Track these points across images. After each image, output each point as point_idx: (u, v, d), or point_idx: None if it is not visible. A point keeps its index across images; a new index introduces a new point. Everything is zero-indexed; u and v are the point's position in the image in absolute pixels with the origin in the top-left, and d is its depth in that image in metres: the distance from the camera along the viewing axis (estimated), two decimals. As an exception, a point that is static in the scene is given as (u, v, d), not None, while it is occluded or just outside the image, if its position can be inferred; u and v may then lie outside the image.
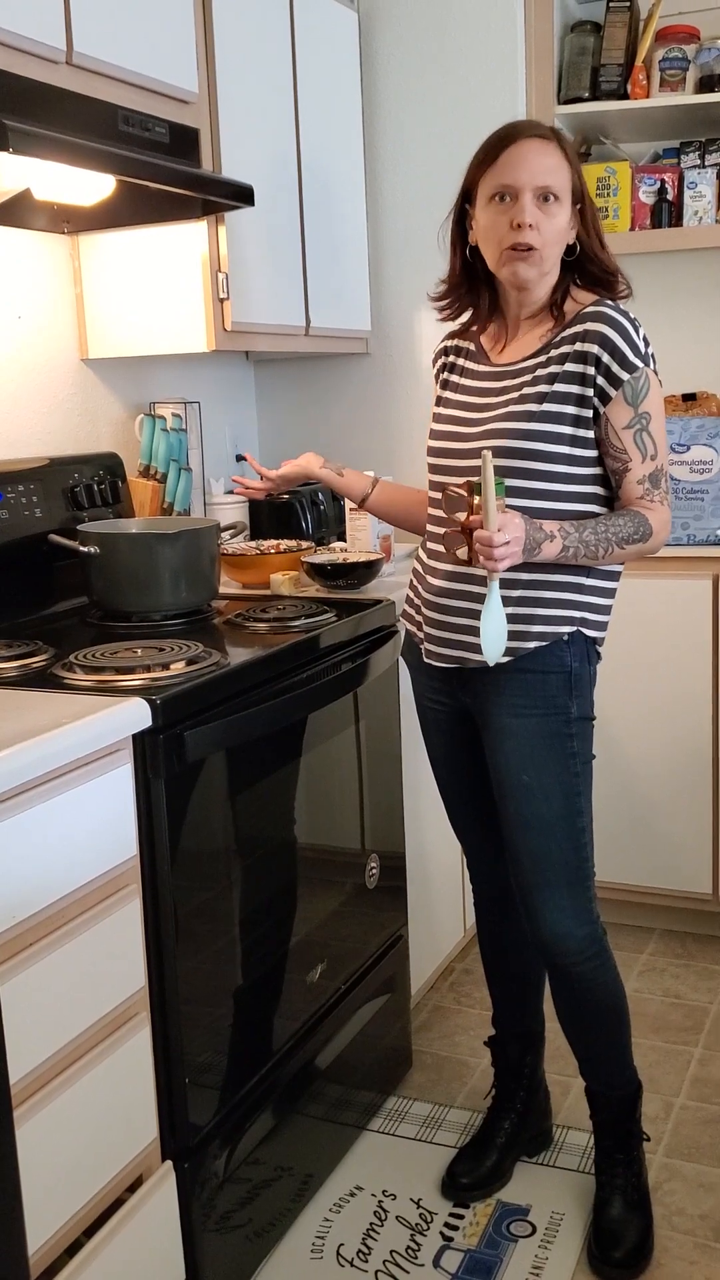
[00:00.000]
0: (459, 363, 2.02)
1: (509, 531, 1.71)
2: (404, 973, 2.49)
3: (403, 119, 3.09)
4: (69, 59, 1.99)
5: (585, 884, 1.94)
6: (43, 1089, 1.53)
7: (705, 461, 2.95)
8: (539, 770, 1.89)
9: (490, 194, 1.84)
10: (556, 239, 1.85)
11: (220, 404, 3.19)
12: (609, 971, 1.98)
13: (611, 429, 1.84)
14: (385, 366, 3.24)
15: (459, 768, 2.07)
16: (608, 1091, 2.05)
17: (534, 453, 1.83)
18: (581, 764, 1.91)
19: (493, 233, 1.85)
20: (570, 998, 2.00)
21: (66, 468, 2.42)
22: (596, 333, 1.82)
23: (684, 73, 2.94)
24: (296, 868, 2.05)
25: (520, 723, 1.89)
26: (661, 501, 1.88)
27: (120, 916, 1.66)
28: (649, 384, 1.84)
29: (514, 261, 1.84)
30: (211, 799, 1.80)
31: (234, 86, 2.49)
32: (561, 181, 1.82)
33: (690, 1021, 2.69)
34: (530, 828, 1.91)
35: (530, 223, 1.80)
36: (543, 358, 1.87)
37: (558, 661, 1.88)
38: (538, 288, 1.89)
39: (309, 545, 2.67)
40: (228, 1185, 1.88)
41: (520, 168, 1.81)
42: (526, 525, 1.75)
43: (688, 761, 2.94)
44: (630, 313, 1.86)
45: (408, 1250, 2.02)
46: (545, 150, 1.82)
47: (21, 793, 1.47)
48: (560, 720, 1.89)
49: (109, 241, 2.56)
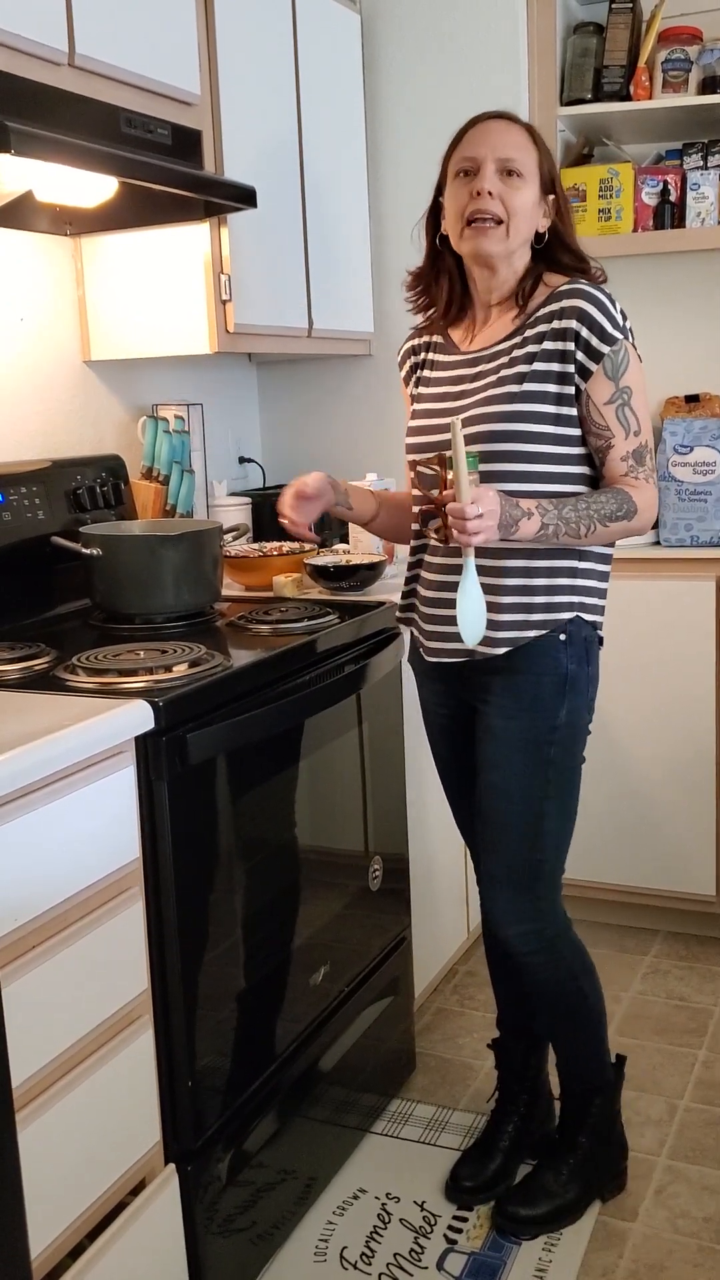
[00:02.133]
0: (428, 357, 2.01)
1: (483, 504, 1.69)
2: (407, 975, 2.48)
3: (405, 121, 3.09)
4: (71, 61, 1.99)
5: (534, 885, 1.95)
6: (45, 1092, 1.53)
7: (708, 463, 2.94)
8: (506, 772, 1.91)
9: (455, 171, 1.85)
10: (522, 214, 1.83)
11: (223, 406, 3.19)
12: (557, 970, 2.01)
13: (593, 405, 1.82)
14: (388, 368, 3.24)
15: (462, 771, 2.08)
16: (572, 1078, 2.11)
17: (517, 434, 1.81)
18: (557, 771, 1.91)
19: (454, 206, 1.85)
20: (526, 984, 2.08)
21: (69, 470, 2.41)
22: (574, 308, 1.81)
23: (686, 74, 2.93)
24: (299, 870, 2.05)
25: (504, 724, 1.90)
26: (647, 479, 1.86)
27: (123, 919, 1.65)
28: (629, 357, 1.82)
29: (475, 235, 1.82)
30: (214, 801, 1.80)
31: (236, 88, 2.49)
32: (526, 160, 1.82)
33: (694, 1024, 2.69)
34: (488, 823, 1.95)
35: (490, 190, 1.80)
36: (518, 338, 1.86)
37: (552, 664, 1.87)
38: (503, 267, 1.87)
39: (311, 547, 2.67)
40: (231, 1188, 1.87)
41: (480, 142, 1.82)
42: (502, 501, 1.73)
43: (691, 763, 2.94)
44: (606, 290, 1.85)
45: (411, 1253, 2.01)
46: (508, 128, 1.83)
47: (24, 795, 1.47)
48: (544, 727, 1.88)
49: (111, 243, 2.56)
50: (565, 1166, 2.08)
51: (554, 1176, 2.07)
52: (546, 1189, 2.06)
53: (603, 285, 1.89)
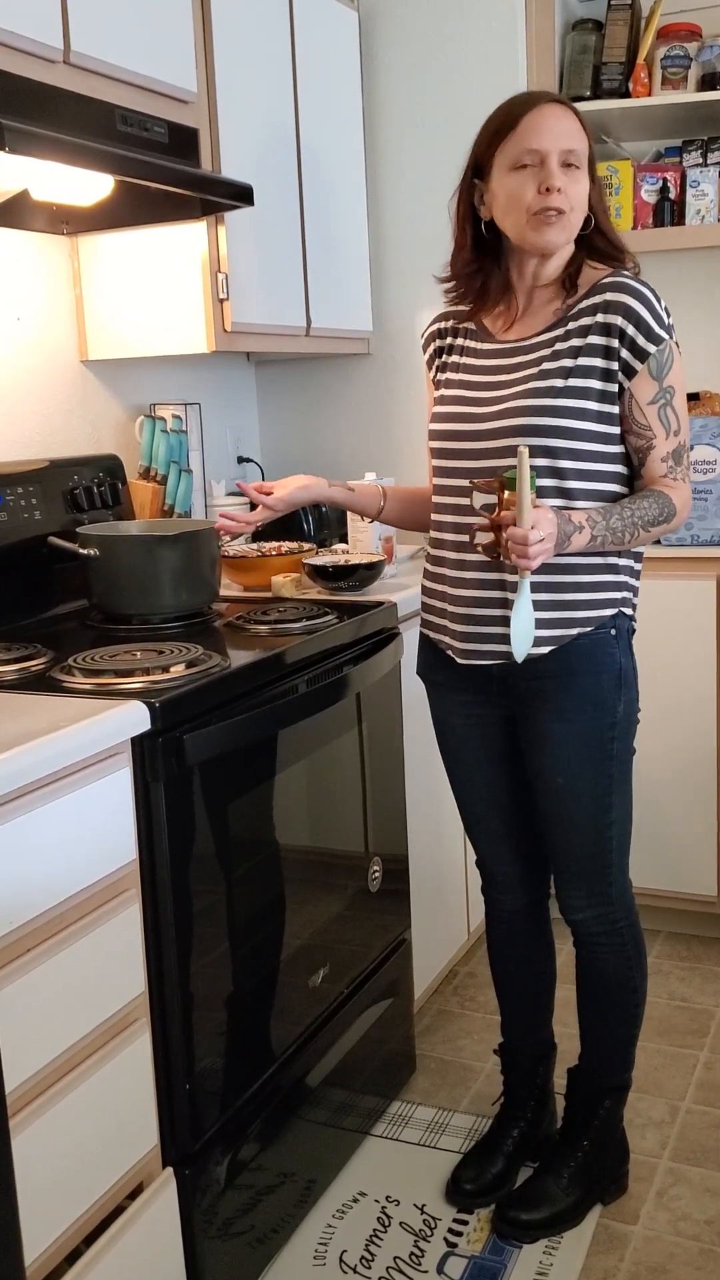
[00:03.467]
0: (459, 343, 1.96)
1: (543, 527, 1.67)
2: (407, 976, 2.47)
3: (403, 118, 3.08)
4: (67, 58, 1.98)
5: (605, 872, 1.97)
6: (40, 1096, 1.52)
7: (709, 461, 2.93)
8: (574, 773, 1.91)
9: (512, 162, 1.78)
10: (581, 206, 1.81)
11: (221, 405, 3.18)
12: (618, 957, 2.03)
13: (636, 404, 1.80)
14: (387, 367, 3.23)
15: (491, 783, 2.04)
16: (591, 1075, 2.09)
17: (562, 429, 1.78)
18: (618, 765, 1.92)
19: (518, 200, 1.78)
20: (582, 970, 2.07)
21: (66, 470, 2.41)
22: (620, 304, 1.78)
23: (686, 70, 2.92)
24: (298, 871, 2.03)
25: (564, 727, 1.88)
26: (683, 479, 1.85)
27: (119, 921, 1.64)
28: (673, 356, 1.80)
29: (543, 226, 1.78)
30: (211, 802, 1.79)
31: (233, 86, 2.48)
32: (582, 150, 1.79)
33: (696, 1025, 2.68)
34: (558, 824, 1.95)
35: (560, 186, 1.76)
36: (560, 330, 1.82)
37: (610, 660, 1.87)
38: (556, 255, 1.84)
39: (310, 547, 2.66)
40: (229, 1192, 1.86)
41: (545, 133, 1.76)
42: (558, 519, 1.71)
43: (691, 763, 2.93)
44: (649, 283, 1.82)
45: (411, 1257, 2.00)
46: (566, 115, 1.79)
47: (20, 796, 1.46)
48: (605, 723, 1.89)
49: (108, 242, 2.55)
50: (567, 1170, 2.07)
51: (555, 1180, 2.06)
52: (547, 1193, 2.05)
53: (636, 274, 1.87)
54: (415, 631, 2.42)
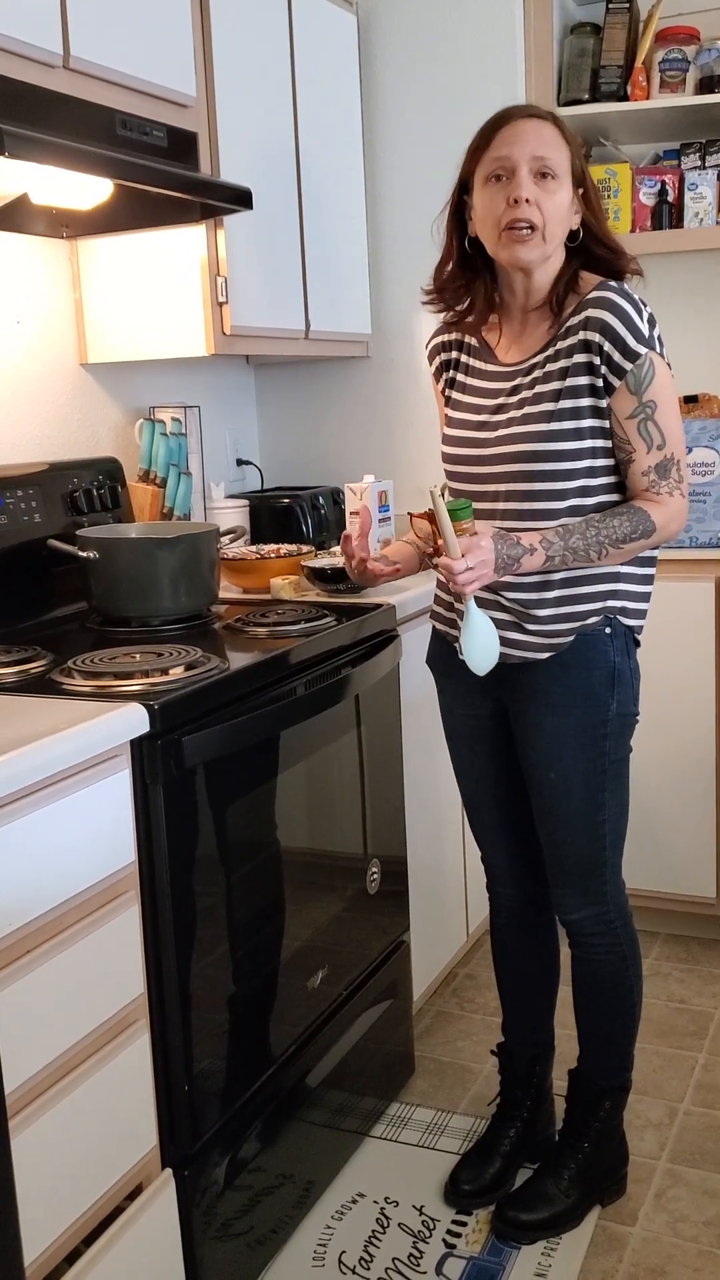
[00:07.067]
0: (463, 360, 1.97)
1: (474, 556, 1.70)
2: (406, 978, 2.48)
3: (402, 121, 3.09)
4: (66, 63, 1.99)
5: (600, 870, 1.98)
6: (39, 1097, 1.52)
7: (707, 464, 2.94)
8: (565, 768, 1.91)
9: (487, 175, 1.79)
10: (557, 218, 1.79)
11: (220, 408, 3.19)
12: (612, 957, 2.03)
13: (615, 419, 1.81)
14: (386, 370, 3.23)
15: (487, 777, 2.07)
16: (590, 1076, 2.09)
17: (555, 454, 1.80)
18: (611, 762, 1.93)
19: (489, 213, 1.79)
20: (578, 971, 2.08)
21: (65, 472, 2.41)
22: (597, 320, 1.78)
23: (684, 74, 2.93)
24: (297, 873, 2.04)
25: (555, 720, 1.90)
26: (670, 492, 1.83)
27: (118, 923, 1.65)
28: (653, 370, 1.78)
29: (513, 243, 1.78)
30: (210, 805, 1.79)
31: (232, 90, 2.48)
32: (559, 159, 1.78)
33: (694, 1026, 2.68)
34: (551, 820, 1.96)
35: (527, 197, 1.75)
36: (550, 351, 1.84)
37: (602, 657, 1.88)
38: (540, 272, 1.83)
39: (309, 549, 2.66)
40: (228, 1193, 1.87)
41: (514, 143, 1.77)
42: (498, 544, 1.74)
43: (691, 764, 2.93)
44: (635, 294, 1.81)
45: (410, 1258, 2.00)
46: (540, 127, 1.78)
47: (19, 799, 1.47)
48: (597, 719, 1.89)
49: (107, 246, 2.55)
50: (566, 1172, 2.07)
51: (554, 1182, 2.06)
52: (546, 1194, 2.05)
53: (637, 274, 1.87)
54: (414, 633, 2.44)
